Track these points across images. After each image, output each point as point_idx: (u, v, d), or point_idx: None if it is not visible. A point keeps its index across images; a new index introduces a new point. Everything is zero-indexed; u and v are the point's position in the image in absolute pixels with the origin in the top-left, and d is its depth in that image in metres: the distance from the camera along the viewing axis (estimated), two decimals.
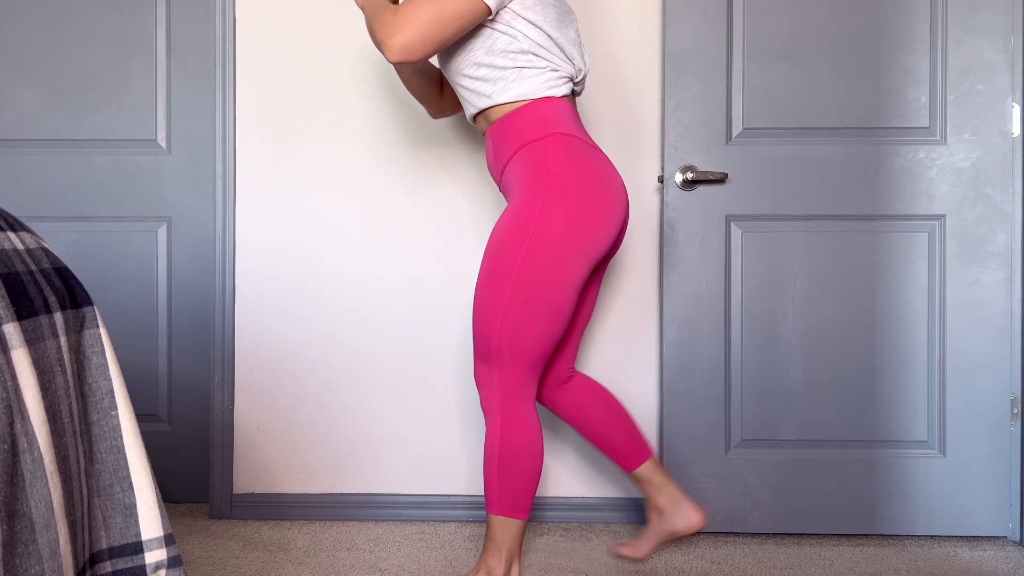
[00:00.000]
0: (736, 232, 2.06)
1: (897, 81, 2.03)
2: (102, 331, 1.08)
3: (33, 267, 1.01)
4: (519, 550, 1.64)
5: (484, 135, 1.72)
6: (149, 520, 1.07)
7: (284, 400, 2.20)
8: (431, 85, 1.86)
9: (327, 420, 2.20)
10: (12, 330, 0.91)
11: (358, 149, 2.19)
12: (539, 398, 1.79)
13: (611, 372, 2.18)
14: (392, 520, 2.18)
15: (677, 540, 1.70)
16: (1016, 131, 2.02)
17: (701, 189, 2.05)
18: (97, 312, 1.08)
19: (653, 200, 2.17)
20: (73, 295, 1.06)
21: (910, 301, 2.04)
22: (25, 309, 0.94)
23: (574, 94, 1.70)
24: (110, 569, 1.05)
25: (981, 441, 2.02)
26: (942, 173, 2.03)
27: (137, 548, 1.06)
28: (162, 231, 2.29)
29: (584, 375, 1.82)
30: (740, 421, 2.07)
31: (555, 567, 1.86)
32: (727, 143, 2.05)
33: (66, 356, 1.00)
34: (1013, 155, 2.02)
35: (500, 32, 1.57)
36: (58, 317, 1.00)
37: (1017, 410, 2.02)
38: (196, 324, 2.30)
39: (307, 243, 2.19)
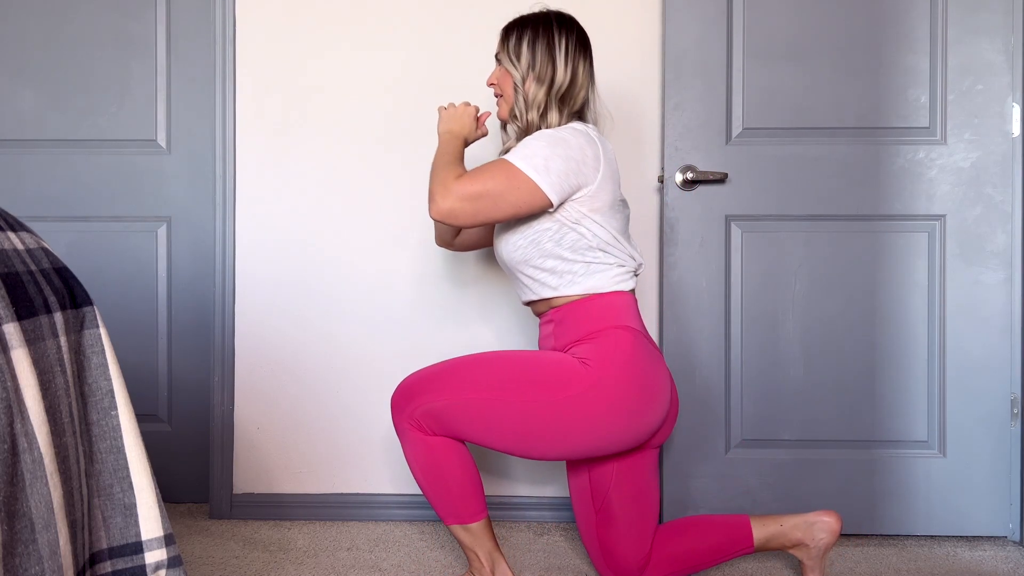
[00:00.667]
0: (736, 232, 2.06)
1: (897, 81, 2.03)
2: (102, 331, 1.08)
3: (33, 267, 1.01)
4: (495, 544, 1.63)
5: (538, 315, 1.70)
6: (149, 520, 1.07)
7: (284, 400, 2.20)
8: (449, 231, 1.87)
9: (327, 420, 2.20)
10: (12, 330, 0.91)
11: (358, 149, 2.19)
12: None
13: None
14: (392, 520, 2.18)
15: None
16: (1016, 131, 2.02)
17: (701, 189, 2.05)
18: (97, 312, 1.08)
19: (653, 200, 2.17)
20: (73, 295, 1.06)
21: (910, 301, 2.04)
22: (25, 309, 0.94)
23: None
24: (110, 569, 1.05)
25: (981, 441, 2.02)
26: (942, 173, 2.03)
27: (137, 548, 1.06)
28: (162, 231, 2.29)
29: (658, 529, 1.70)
30: (740, 421, 2.06)
31: (555, 567, 1.86)
32: (727, 143, 2.05)
33: (66, 356, 1.00)
34: (1013, 155, 2.02)
35: (570, 228, 1.56)
36: (58, 317, 1.00)
37: (1017, 410, 2.02)
38: (196, 324, 2.30)
39: (307, 243, 2.19)
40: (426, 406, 1.54)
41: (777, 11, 2.04)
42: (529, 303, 1.70)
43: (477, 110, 1.71)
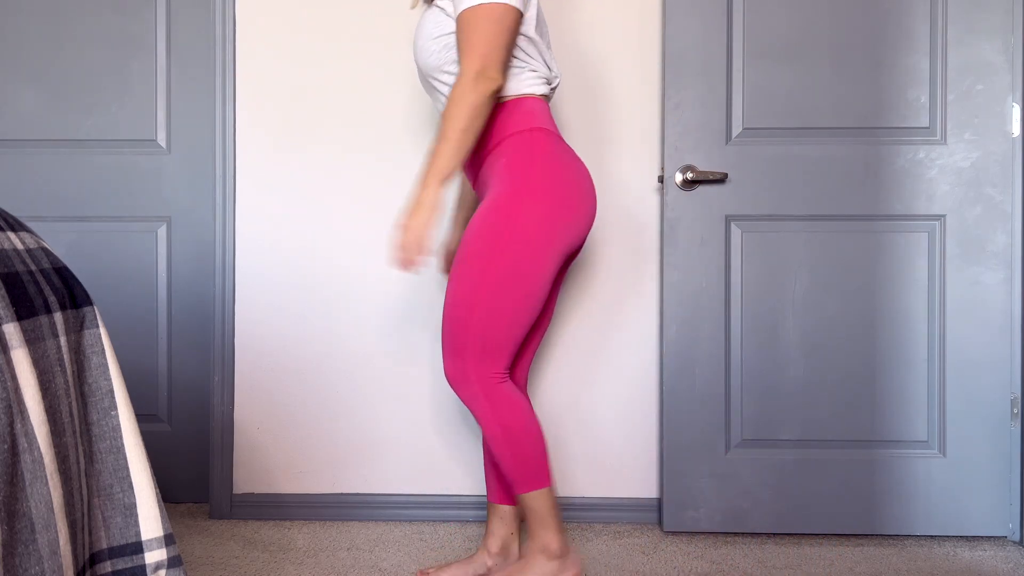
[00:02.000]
0: (736, 232, 2.06)
1: (897, 81, 2.03)
2: (102, 331, 1.08)
3: (33, 267, 1.01)
4: (560, 516, 1.63)
5: None
6: (149, 520, 1.07)
7: (284, 400, 2.20)
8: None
9: (327, 420, 2.20)
10: (12, 330, 0.91)
11: (359, 149, 2.19)
12: (486, 387, 1.72)
13: (611, 372, 2.18)
14: (392, 520, 2.18)
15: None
16: (1016, 131, 2.02)
17: (701, 189, 2.05)
18: (97, 312, 1.08)
19: (653, 200, 2.17)
20: (73, 295, 1.06)
21: (910, 301, 2.04)
22: (25, 309, 0.94)
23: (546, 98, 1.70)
24: (110, 569, 1.05)
25: (981, 441, 2.02)
26: (942, 173, 2.03)
27: (137, 548, 1.06)
28: (162, 231, 2.29)
29: (529, 400, 1.75)
30: (740, 421, 2.07)
31: None
32: (727, 143, 2.05)
33: (66, 356, 1.00)
34: (1013, 155, 2.02)
35: None
36: (58, 317, 1.00)
37: (1017, 410, 2.02)
38: (196, 324, 2.30)
39: (307, 243, 2.19)
40: (475, 363, 1.57)
41: (777, 11, 2.04)
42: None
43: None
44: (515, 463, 1.58)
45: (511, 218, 1.53)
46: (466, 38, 1.52)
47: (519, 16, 1.55)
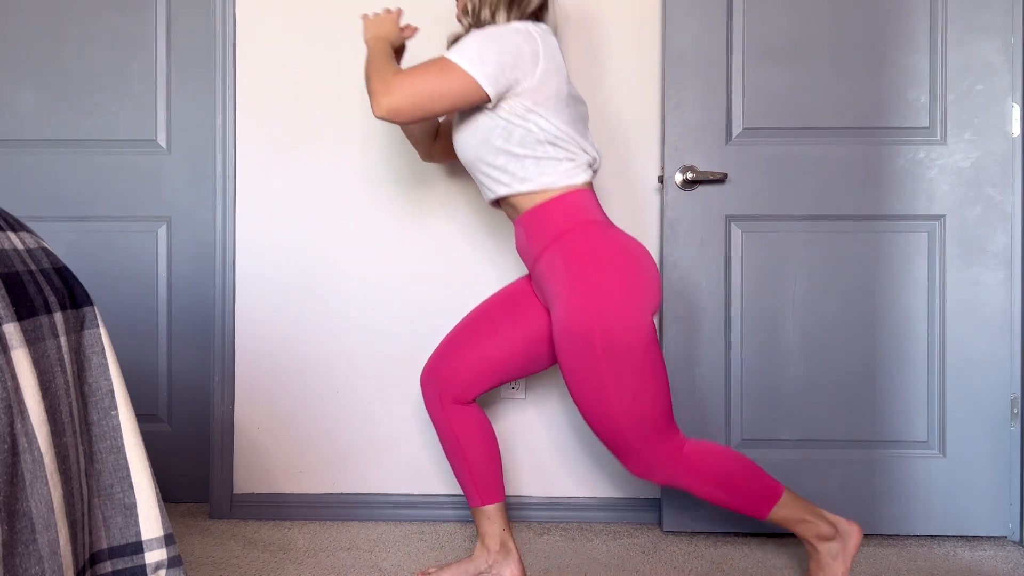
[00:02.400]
0: (736, 232, 2.06)
1: (897, 81, 2.03)
2: (102, 331, 1.08)
3: (33, 267, 1.01)
4: (808, 503, 1.68)
5: (511, 219, 1.75)
6: (149, 520, 1.07)
7: (284, 400, 2.20)
8: (425, 133, 1.90)
9: (327, 420, 2.20)
10: (12, 330, 0.91)
11: (358, 149, 2.19)
12: (434, 406, 1.76)
13: None
14: (392, 520, 2.18)
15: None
16: (1016, 131, 2.02)
17: (701, 189, 2.05)
18: (97, 312, 1.08)
19: (653, 200, 2.17)
20: (73, 295, 1.06)
21: (910, 301, 2.04)
22: (25, 309, 0.94)
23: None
24: (110, 569, 1.05)
25: (981, 441, 2.02)
26: (942, 173, 2.03)
27: (137, 548, 1.06)
28: (162, 231, 2.29)
29: (482, 411, 1.79)
30: (740, 421, 2.07)
31: (555, 567, 1.86)
32: (727, 143, 2.05)
33: (66, 356, 1.00)
34: (1013, 155, 2.02)
35: (516, 125, 1.60)
36: (58, 317, 1.00)
37: (1017, 410, 2.02)
38: (196, 324, 2.30)
39: (307, 243, 2.19)
40: (652, 448, 1.61)
41: (777, 11, 2.04)
42: (494, 204, 1.75)
43: (400, 14, 1.76)
44: (744, 501, 1.63)
45: (592, 312, 1.54)
46: (419, 66, 1.57)
47: (478, 97, 1.56)
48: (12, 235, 1.02)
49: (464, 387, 1.74)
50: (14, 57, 2.28)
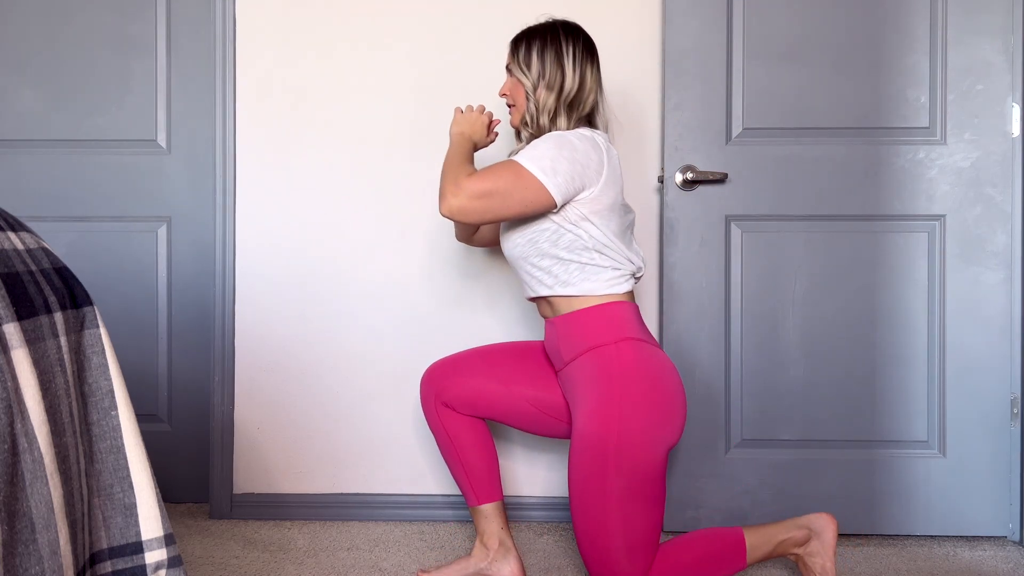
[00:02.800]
0: (736, 232, 2.06)
1: (897, 81, 2.03)
2: (102, 331, 1.08)
3: (33, 267, 1.01)
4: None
5: (543, 316, 1.74)
6: (149, 520, 1.07)
7: (284, 400, 2.20)
8: (467, 228, 1.91)
9: (327, 420, 2.20)
10: (12, 330, 0.91)
11: (359, 149, 2.19)
12: (429, 406, 1.77)
13: None
14: (392, 520, 2.18)
15: None
16: (1016, 131, 2.02)
17: (701, 189, 2.05)
18: (97, 312, 1.08)
19: (653, 200, 2.17)
20: (73, 295, 1.06)
21: (910, 301, 2.04)
22: (25, 309, 0.94)
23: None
24: (110, 569, 1.05)
25: (981, 441, 2.02)
26: (942, 173, 2.03)
27: (137, 548, 1.06)
28: (162, 231, 2.29)
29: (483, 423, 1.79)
30: (740, 421, 2.07)
31: (555, 567, 1.86)
32: (727, 143, 2.05)
33: (66, 356, 1.00)
34: (1013, 155, 2.02)
35: (566, 230, 1.60)
36: (58, 317, 1.00)
37: (1017, 410, 2.02)
38: (196, 324, 2.30)
39: (307, 243, 2.19)
40: (632, 570, 1.56)
41: (777, 11, 2.04)
42: (532, 300, 1.75)
43: (491, 116, 1.77)
44: (723, 568, 1.61)
45: (611, 431, 1.53)
46: (491, 168, 1.57)
47: (545, 206, 1.56)
48: (12, 235, 1.02)
49: (459, 404, 1.75)
50: (14, 57, 2.28)
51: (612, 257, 1.63)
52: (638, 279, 1.71)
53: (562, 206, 1.58)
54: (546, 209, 1.58)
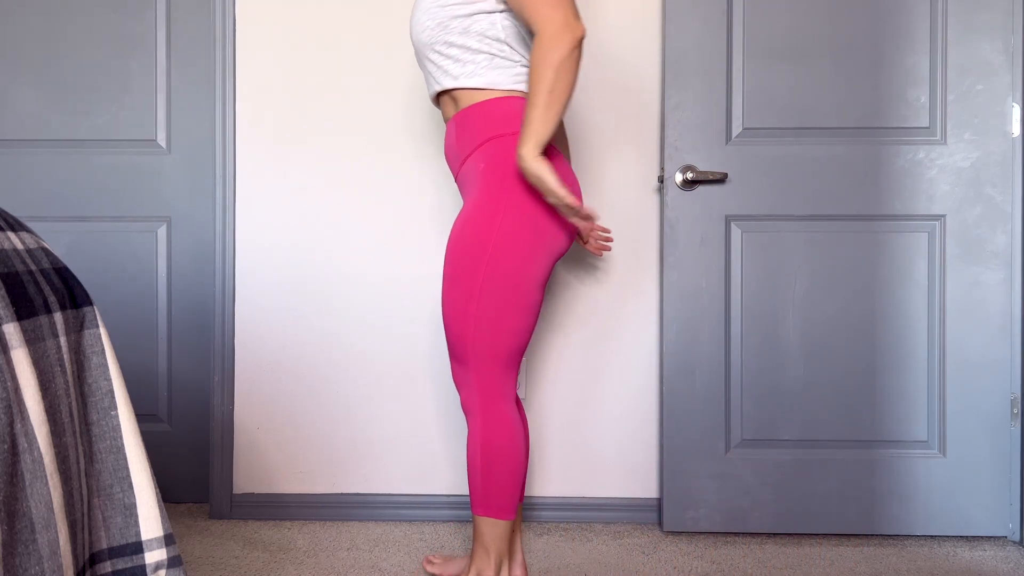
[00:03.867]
0: (736, 232, 2.06)
1: (897, 81, 2.03)
2: (102, 331, 1.08)
3: (33, 267, 1.01)
4: (507, 550, 1.62)
5: (446, 120, 1.68)
6: (149, 520, 1.07)
7: (284, 400, 2.20)
8: None
9: (327, 420, 2.20)
10: (12, 330, 0.91)
11: (359, 149, 2.19)
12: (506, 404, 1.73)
13: (611, 372, 2.18)
14: (392, 520, 2.18)
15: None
16: (1016, 131, 2.02)
17: (701, 189, 2.05)
18: (97, 312, 1.08)
19: (653, 200, 2.17)
20: (73, 295, 1.06)
21: (910, 301, 2.04)
22: (25, 309, 0.94)
23: None
24: (110, 569, 1.05)
25: (981, 441, 2.02)
26: (942, 173, 2.03)
27: (137, 548, 1.06)
28: (162, 231, 2.29)
29: (523, 409, 1.73)
30: (740, 421, 2.06)
31: (555, 567, 1.86)
32: (727, 143, 2.05)
33: (66, 356, 1.00)
34: (1013, 155, 2.02)
35: (484, 15, 1.54)
36: (58, 317, 1.00)
37: (1017, 410, 2.02)
38: (196, 324, 2.30)
39: (307, 243, 2.19)
40: (477, 372, 1.55)
41: (777, 11, 2.04)
42: (436, 99, 1.68)
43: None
44: (484, 486, 1.57)
45: (492, 227, 1.51)
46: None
47: None
48: (12, 235, 1.02)
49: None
50: (14, 57, 2.28)
51: (521, 53, 1.58)
52: None
53: None
54: None
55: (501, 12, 1.54)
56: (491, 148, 1.56)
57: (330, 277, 2.19)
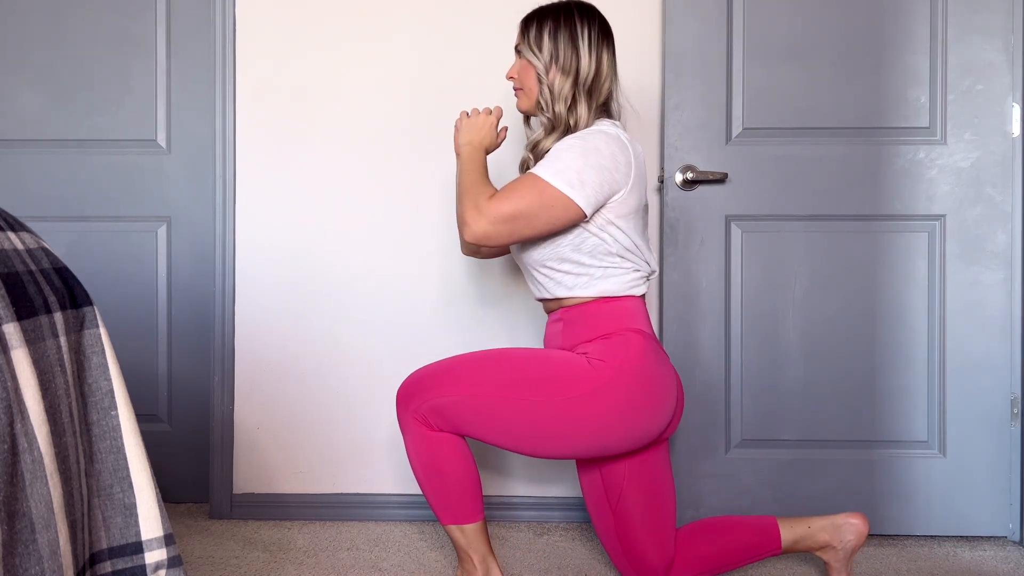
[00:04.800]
0: (736, 232, 2.06)
1: (897, 81, 2.03)
2: (102, 331, 1.08)
3: (33, 267, 1.01)
4: (489, 548, 1.61)
5: (547, 311, 1.69)
6: (149, 520, 1.07)
7: (284, 400, 2.20)
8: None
9: (327, 420, 2.20)
10: (12, 330, 0.91)
11: (359, 149, 2.19)
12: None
13: None
14: (392, 520, 2.18)
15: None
16: (1016, 131, 2.02)
17: (701, 189, 2.05)
18: (97, 312, 1.08)
19: (653, 200, 2.17)
20: (73, 295, 1.06)
21: (910, 301, 2.04)
22: (25, 309, 0.94)
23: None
24: (110, 569, 1.05)
25: (981, 441, 2.02)
26: (942, 173, 2.03)
27: (137, 548, 1.06)
28: (162, 231, 2.29)
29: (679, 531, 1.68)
30: (740, 421, 2.07)
31: (555, 567, 1.86)
32: (727, 143, 2.05)
33: (66, 356, 1.00)
34: (1013, 155, 2.02)
35: (591, 233, 1.54)
36: (58, 317, 1.00)
37: (1017, 410, 2.02)
38: (196, 324, 2.30)
39: (307, 243, 2.19)
40: (433, 401, 1.52)
41: (777, 11, 2.04)
42: (540, 300, 1.69)
43: (500, 114, 1.67)
44: (435, 497, 1.57)
45: (574, 388, 1.49)
46: (514, 187, 1.50)
47: (574, 220, 1.51)
48: (12, 235, 1.02)
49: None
50: (14, 57, 2.28)
51: (633, 261, 1.59)
52: (650, 281, 1.67)
53: (591, 216, 1.52)
54: (575, 222, 1.52)
55: (612, 226, 1.54)
56: (606, 340, 1.55)
57: (330, 277, 2.19)
